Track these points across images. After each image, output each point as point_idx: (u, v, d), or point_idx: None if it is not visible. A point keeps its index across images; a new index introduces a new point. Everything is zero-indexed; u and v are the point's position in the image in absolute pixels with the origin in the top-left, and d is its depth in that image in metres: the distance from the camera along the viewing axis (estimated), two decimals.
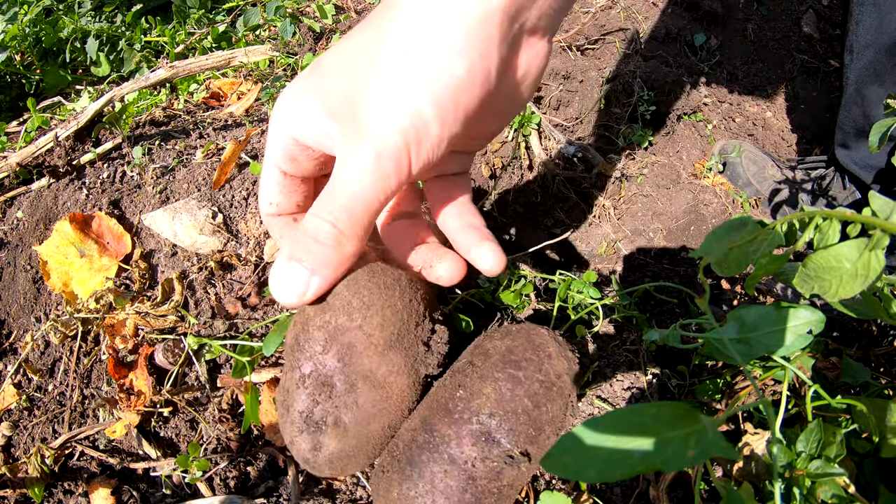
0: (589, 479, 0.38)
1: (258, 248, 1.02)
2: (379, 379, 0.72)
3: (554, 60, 1.58)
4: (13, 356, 1.08)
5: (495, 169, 1.65)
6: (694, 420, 0.41)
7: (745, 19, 1.71)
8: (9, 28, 1.73)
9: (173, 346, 0.96)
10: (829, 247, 0.57)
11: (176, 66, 1.26)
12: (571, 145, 1.51)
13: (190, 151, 1.21)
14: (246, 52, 1.27)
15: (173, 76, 1.26)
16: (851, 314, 0.70)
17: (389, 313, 0.72)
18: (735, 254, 0.63)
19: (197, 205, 1.07)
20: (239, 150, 1.11)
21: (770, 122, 1.62)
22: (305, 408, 0.72)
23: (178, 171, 1.15)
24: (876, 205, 0.57)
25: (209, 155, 1.18)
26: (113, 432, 0.94)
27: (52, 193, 1.18)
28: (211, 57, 1.28)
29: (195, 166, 1.16)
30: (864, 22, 1.14)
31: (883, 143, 0.92)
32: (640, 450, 0.38)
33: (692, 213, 1.55)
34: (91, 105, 1.24)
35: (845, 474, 0.66)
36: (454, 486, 0.65)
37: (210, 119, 1.34)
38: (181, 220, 1.05)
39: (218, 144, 1.20)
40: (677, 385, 0.93)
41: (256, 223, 1.04)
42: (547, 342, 0.73)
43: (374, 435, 0.72)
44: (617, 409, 0.42)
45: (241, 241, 1.05)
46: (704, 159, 1.62)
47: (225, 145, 1.17)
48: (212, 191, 1.10)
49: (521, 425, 0.67)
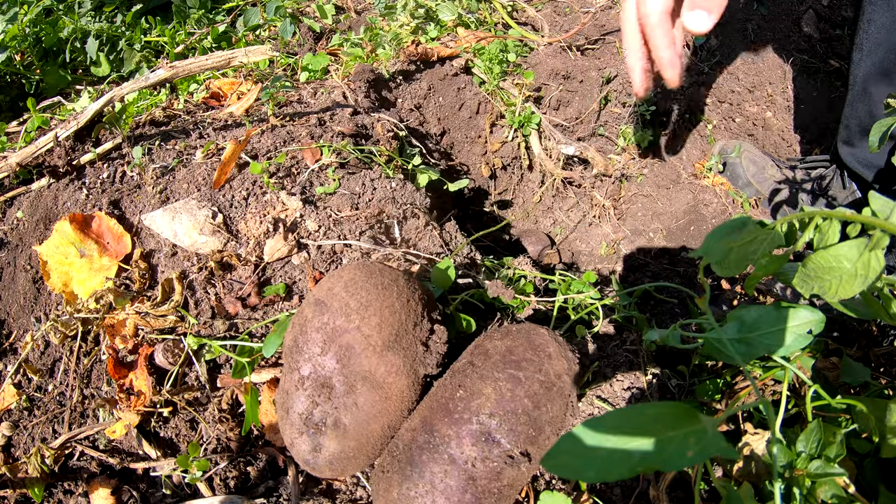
0: (588, 479, 0.38)
1: (258, 248, 1.02)
2: (378, 379, 0.71)
3: (554, 60, 1.58)
4: (13, 356, 1.08)
5: (495, 169, 1.65)
6: (693, 420, 0.41)
7: (745, 19, 1.71)
8: (9, 28, 1.73)
9: (173, 347, 0.96)
10: (828, 247, 0.57)
11: (176, 66, 1.25)
12: (571, 145, 1.51)
13: (190, 151, 1.21)
14: (246, 52, 1.27)
15: (173, 76, 1.26)
16: (851, 314, 0.70)
17: (387, 314, 0.72)
18: (735, 254, 0.63)
19: (197, 205, 1.07)
20: (239, 150, 1.11)
21: (770, 122, 1.62)
22: (305, 409, 0.72)
23: (178, 171, 1.15)
24: (876, 205, 0.57)
25: (209, 155, 1.18)
26: (113, 432, 0.94)
27: (52, 193, 1.18)
28: (211, 57, 1.27)
29: (195, 166, 1.15)
30: (875, 20, 1.14)
31: (883, 143, 0.92)
32: (640, 450, 0.38)
33: (692, 214, 1.55)
34: (91, 105, 1.24)
35: (845, 474, 0.66)
36: (454, 486, 0.65)
37: (210, 119, 1.34)
38: (181, 221, 1.05)
39: (218, 144, 1.20)
40: (677, 385, 0.93)
41: (256, 223, 1.04)
42: (547, 342, 0.73)
43: (374, 436, 0.72)
44: (616, 410, 0.42)
45: (241, 241, 1.04)
46: (704, 159, 1.62)
47: (225, 145, 1.17)
48: (212, 191, 1.10)
49: (522, 425, 0.67)
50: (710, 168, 1.58)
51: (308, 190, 1.13)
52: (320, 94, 1.44)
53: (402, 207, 1.13)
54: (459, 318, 0.92)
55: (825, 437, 0.69)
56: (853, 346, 0.93)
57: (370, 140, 1.29)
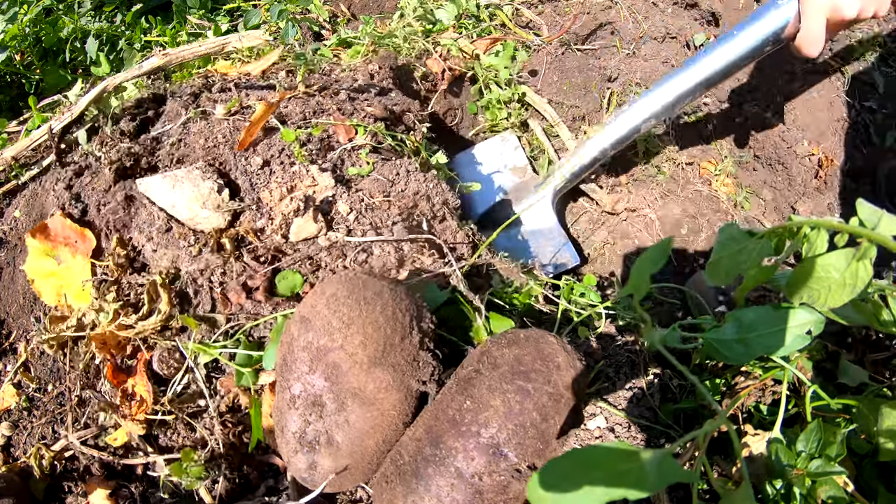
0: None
1: (285, 225, 0.92)
2: (368, 396, 0.71)
3: (554, 60, 1.58)
4: (13, 356, 1.08)
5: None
6: (635, 458, 0.42)
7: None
8: (9, 28, 1.73)
9: (168, 357, 0.92)
10: (817, 256, 0.57)
11: (169, 53, 1.23)
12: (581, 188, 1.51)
13: (210, 107, 1.13)
14: (240, 37, 1.24)
15: (167, 63, 1.23)
16: (843, 321, 0.70)
17: (371, 330, 0.70)
18: (725, 263, 0.63)
19: (202, 175, 0.95)
20: (270, 112, 1.04)
21: (770, 122, 1.62)
22: (298, 428, 0.71)
23: (194, 124, 1.06)
24: (863, 214, 0.57)
25: (231, 113, 1.10)
26: (114, 440, 0.93)
27: (47, 191, 1.17)
28: (204, 43, 1.25)
29: (215, 122, 1.07)
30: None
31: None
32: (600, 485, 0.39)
33: (692, 214, 1.55)
34: (84, 97, 1.22)
35: (845, 473, 0.66)
36: (461, 500, 0.64)
37: (222, 78, 1.28)
38: (182, 190, 0.93)
39: (243, 102, 1.13)
40: (678, 385, 0.93)
41: (281, 194, 0.94)
42: (556, 352, 0.72)
43: (369, 452, 0.71)
44: (569, 451, 0.44)
45: (263, 212, 0.94)
46: (706, 159, 1.62)
47: (251, 105, 1.09)
48: (232, 152, 1.01)
49: (530, 439, 0.66)
50: (720, 171, 1.57)
51: (339, 168, 1.06)
52: (342, 73, 1.40)
53: (435, 206, 1.06)
54: (486, 320, 0.89)
55: (825, 437, 0.69)
56: (850, 351, 0.93)
57: (399, 128, 1.23)
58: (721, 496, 0.60)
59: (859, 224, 0.56)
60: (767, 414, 0.85)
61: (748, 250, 0.62)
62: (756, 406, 0.86)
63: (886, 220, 0.55)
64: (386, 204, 1.02)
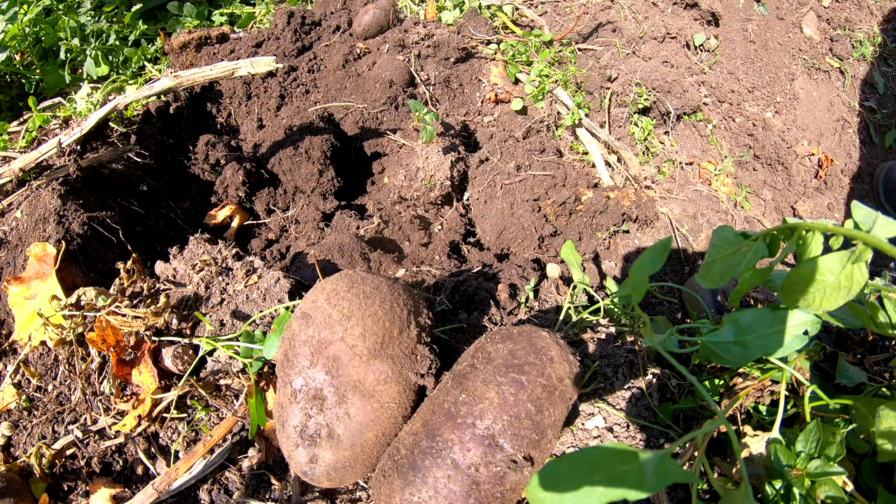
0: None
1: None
2: (368, 388, 0.72)
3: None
4: (13, 356, 1.08)
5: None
6: (633, 458, 0.42)
7: (746, 19, 1.71)
8: (9, 28, 1.73)
9: (182, 353, 0.96)
10: (812, 259, 0.56)
11: (180, 75, 1.25)
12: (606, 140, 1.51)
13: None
14: (251, 62, 1.26)
15: (177, 86, 1.26)
16: (839, 324, 0.70)
17: (370, 322, 0.72)
18: (718, 266, 0.62)
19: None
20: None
21: (770, 122, 1.62)
22: (299, 422, 0.72)
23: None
24: (858, 216, 0.57)
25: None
26: (123, 425, 0.94)
27: (51, 194, 1.18)
28: (215, 67, 1.27)
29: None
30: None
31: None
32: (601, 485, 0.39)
33: (692, 214, 1.55)
34: (94, 113, 1.25)
35: (845, 473, 0.66)
36: (458, 491, 0.65)
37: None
38: None
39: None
40: (677, 385, 0.93)
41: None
42: (549, 345, 0.73)
43: (369, 444, 0.72)
44: (568, 454, 0.44)
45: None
46: (706, 159, 1.62)
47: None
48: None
49: (525, 430, 0.67)
50: (720, 171, 1.57)
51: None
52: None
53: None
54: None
55: (824, 437, 0.69)
56: (849, 352, 0.93)
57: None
58: (721, 496, 0.60)
59: (854, 226, 0.56)
60: (766, 414, 0.85)
61: (742, 253, 0.61)
62: (755, 407, 0.86)
63: (881, 223, 0.55)
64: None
